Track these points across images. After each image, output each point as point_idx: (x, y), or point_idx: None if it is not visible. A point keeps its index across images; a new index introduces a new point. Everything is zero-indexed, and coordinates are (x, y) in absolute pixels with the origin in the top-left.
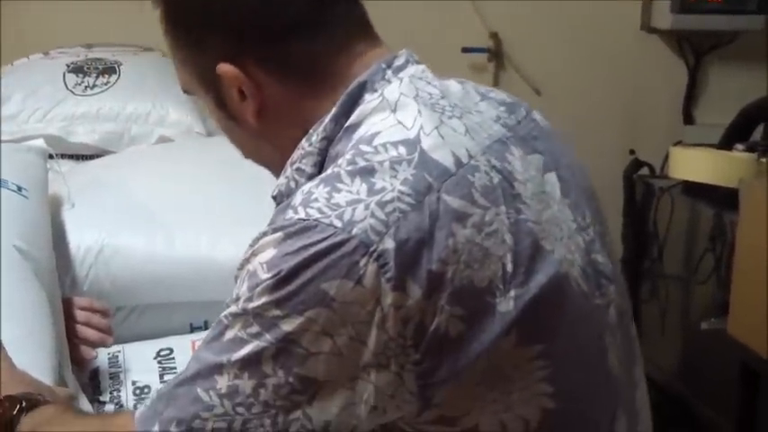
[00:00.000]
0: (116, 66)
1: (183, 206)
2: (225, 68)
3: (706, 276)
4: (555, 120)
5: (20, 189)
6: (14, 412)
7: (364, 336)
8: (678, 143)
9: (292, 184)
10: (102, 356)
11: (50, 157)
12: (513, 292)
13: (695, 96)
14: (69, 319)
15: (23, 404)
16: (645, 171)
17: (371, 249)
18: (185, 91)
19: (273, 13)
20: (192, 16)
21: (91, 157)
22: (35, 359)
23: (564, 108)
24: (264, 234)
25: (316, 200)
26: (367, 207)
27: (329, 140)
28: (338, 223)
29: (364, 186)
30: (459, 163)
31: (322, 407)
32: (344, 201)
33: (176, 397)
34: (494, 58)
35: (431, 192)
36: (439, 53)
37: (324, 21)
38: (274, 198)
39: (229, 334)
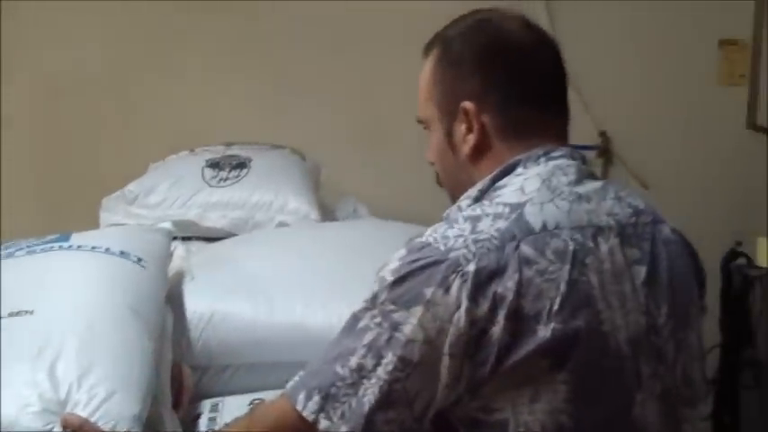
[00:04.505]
0: (247, 161)
1: (285, 279)
2: (468, 105)
3: None
4: (662, 211)
5: (139, 260)
6: None
7: (446, 330)
8: None
9: (450, 213)
10: (206, 404)
11: (175, 238)
12: (552, 325)
13: None
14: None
15: None
16: (743, 261)
17: (459, 269)
18: (419, 120)
19: (533, 88)
20: (472, 62)
21: (220, 239)
22: (126, 394)
23: (671, 201)
24: (396, 252)
25: (436, 231)
26: (465, 241)
27: (483, 192)
28: (442, 248)
29: (469, 227)
30: (544, 228)
31: (414, 381)
32: (453, 235)
33: (319, 372)
34: (602, 155)
35: (513, 240)
36: None
37: (549, 107)
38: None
39: (361, 324)
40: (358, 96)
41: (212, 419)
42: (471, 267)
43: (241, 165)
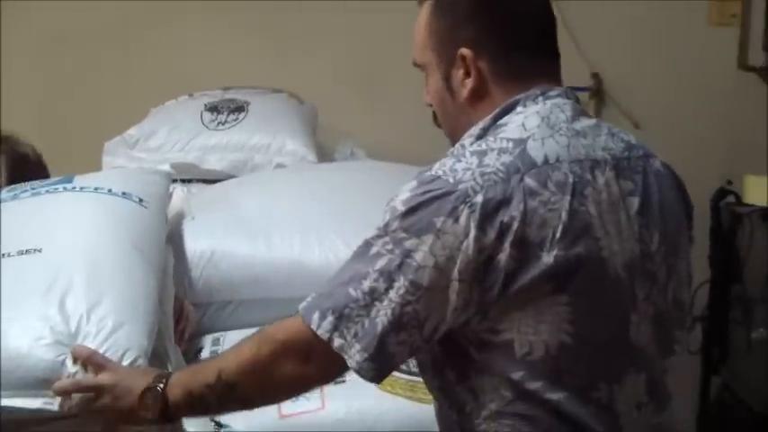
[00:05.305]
0: (245, 105)
1: (283, 218)
2: (466, 52)
3: None
4: (653, 150)
5: (141, 201)
6: (159, 387)
7: (455, 257)
8: None
9: (455, 151)
10: (207, 338)
11: (175, 180)
12: (555, 251)
13: None
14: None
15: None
16: (731, 199)
17: (468, 200)
18: (415, 64)
19: (525, 32)
20: (467, 10)
21: (220, 181)
22: (134, 325)
23: (663, 141)
24: (407, 183)
25: (444, 164)
26: (473, 173)
27: (485, 130)
28: (451, 180)
29: (476, 161)
30: (545, 161)
31: (425, 305)
32: (461, 168)
33: (333, 294)
34: (595, 96)
35: (518, 173)
36: None
37: (541, 51)
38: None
39: (373, 250)
40: (355, 40)
41: (214, 353)
42: (479, 198)
43: (239, 108)
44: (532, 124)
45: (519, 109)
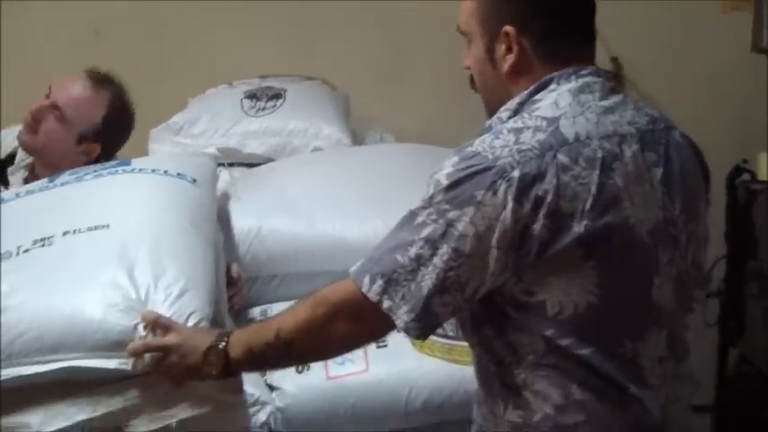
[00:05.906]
0: (282, 92)
1: (323, 197)
2: (510, 29)
3: None
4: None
5: (194, 181)
6: (221, 345)
7: (494, 227)
8: None
9: (492, 124)
10: (256, 310)
11: (220, 164)
12: (585, 221)
13: None
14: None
15: (227, 337)
16: (747, 177)
17: (505, 175)
18: (459, 30)
19: (568, 14)
20: None
21: (260, 165)
22: (197, 291)
23: (680, 122)
24: (449, 159)
25: (484, 141)
26: (510, 150)
27: (521, 105)
28: (490, 156)
29: (513, 138)
30: (577, 138)
31: (466, 270)
32: (499, 145)
33: (381, 260)
34: (614, 79)
35: (551, 150)
36: None
37: (581, 32)
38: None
39: (418, 219)
40: (380, 29)
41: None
42: (516, 173)
43: (277, 95)
44: (564, 102)
45: (552, 86)
